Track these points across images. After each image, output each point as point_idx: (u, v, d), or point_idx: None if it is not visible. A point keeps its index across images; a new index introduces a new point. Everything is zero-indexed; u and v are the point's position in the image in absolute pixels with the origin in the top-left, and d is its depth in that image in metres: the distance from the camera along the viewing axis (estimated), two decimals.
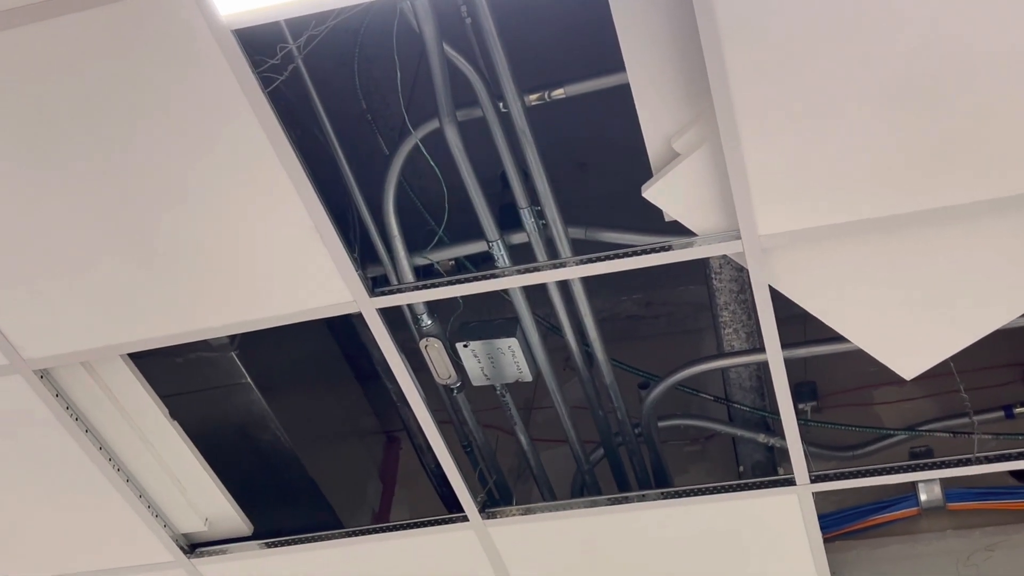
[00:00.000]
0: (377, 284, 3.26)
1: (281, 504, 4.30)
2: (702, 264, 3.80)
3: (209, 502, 3.89)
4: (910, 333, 3.16)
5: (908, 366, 3.25)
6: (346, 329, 4.56)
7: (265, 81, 2.71)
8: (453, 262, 3.60)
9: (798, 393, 4.66)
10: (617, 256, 3.08)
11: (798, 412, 4.58)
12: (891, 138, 2.65)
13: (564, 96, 3.24)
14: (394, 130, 3.71)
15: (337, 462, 4.63)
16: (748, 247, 2.92)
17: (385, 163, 3.39)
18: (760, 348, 3.80)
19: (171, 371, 3.92)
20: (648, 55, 2.69)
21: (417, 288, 3.18)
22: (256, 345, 3.97)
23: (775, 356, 3.21)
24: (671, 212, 2.97)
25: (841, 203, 2.80)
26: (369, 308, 3.17)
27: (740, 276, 4.17)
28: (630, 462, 4.12)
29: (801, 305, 3.12)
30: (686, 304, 5.01)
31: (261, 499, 4.18)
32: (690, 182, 2.87)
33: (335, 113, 3.22)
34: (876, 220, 2.82)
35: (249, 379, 4.00)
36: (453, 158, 3.22)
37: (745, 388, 4.37)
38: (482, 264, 3.66)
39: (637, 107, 2.81)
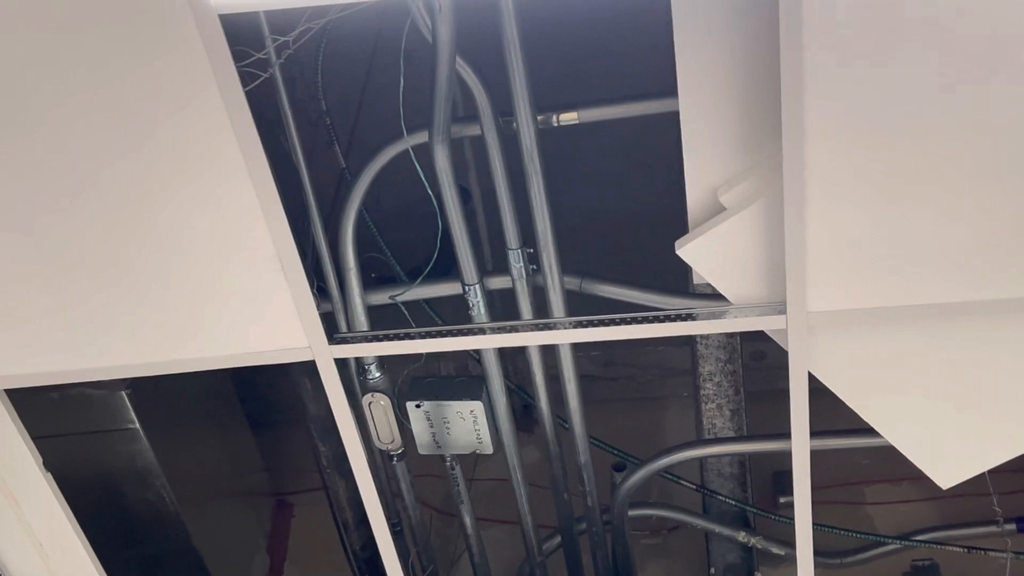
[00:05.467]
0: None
1: None
2: None
3: (76, 573, 3.76)
4: (955, 438, 3.25)
5: (946, 474, 3.34)
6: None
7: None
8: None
9: (779, 485, 4.76)
10: (626, 322, 3.09)
11: (779, 506, 4.70)
12: (980, 216, 2.73)
13: (577, 122, 3.26)
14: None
15: (223, 529, 4.54)
16: (792, 324, 2.97)
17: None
18: (768, 435, 3.89)
19: (43, 409, 3.78)
20: (708, 90, 2.73)
21: (388, 339, 3.15)
22: (150, 384, 3.86)
23: (801, 450, 3.26)
24: (706, 274, 3.01)
25: (908, 283, 2.87)
26: (326, 357, 3.12)
27: (730, 343, 4.24)
28: (593, 555, 4.13)
29: (838, 394, 3.19)
30: (652, 367, 5.07)
31: (133, 570, 4.07)
32: (735, 243, 2.92)
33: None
34: (945, 306, 2.90)
35: (138, 424, 3.89)
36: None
37: (724, 475, 4.44)
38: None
39: (684, 149, 2.84)
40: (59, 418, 3.85)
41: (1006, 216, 2.74)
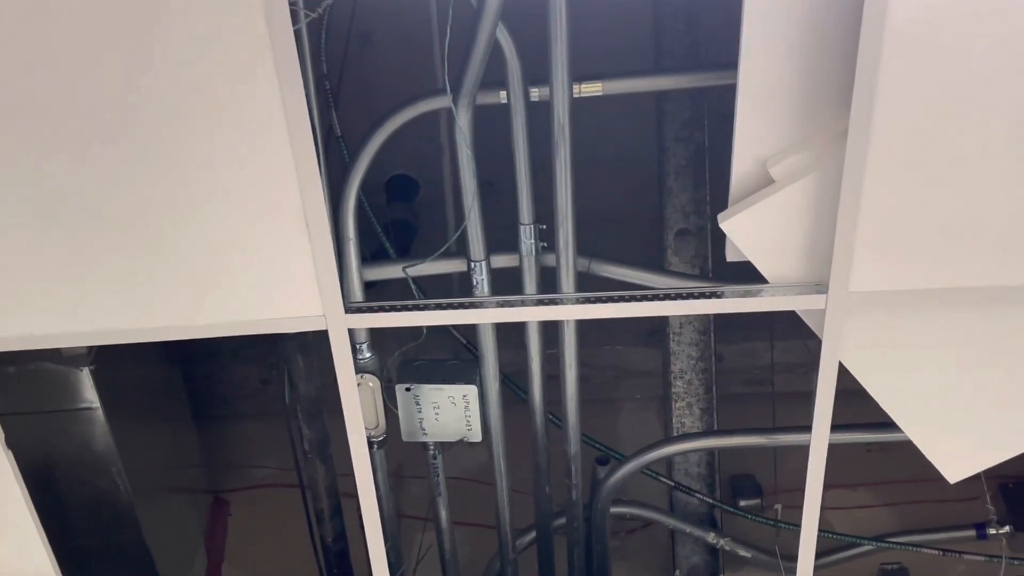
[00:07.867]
0: None
1: (100, 571, 3.94)
2: (647, 320, 3.79)
3: (26, 562, 3.51)
4: (970, 431, 3.21)
5: (955, 468, 3.30)
6: (184, 350, 4.32)
7: None
8: None
9: (738, 488, 4.70)
10: (659, 298, 2.98)
11: (742, 509, 4.64)
12: None
13: (600, 93, 3.15)
14: None
15: (169, 524, 4.29)
16: (832, 305, 2.89)
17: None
18: (760, 429, 3.82)
19: None
20: (772, 56, 2.64)
21: (407, 309, 2.99)
22: (115, 361, 3.63)
23: (819, 446, 3.18)
24: (745, 250, 2.91)
25: (952, 265, 2.82)
26: (340, 327, 2.95)
27: (703, 340, 4.18)
28: (570, 551, 4.01)
29: (860, 381, 3.12)
30: (608, 368, 4.97)
31: (81, 563, 3.82)
32: (781, 218, 2.83)
33: None
34: (987, 289, 2.86)
35: (99, 404, 3.64)
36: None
37: (692, 475, 4.37)
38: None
39: (737, 116, 2.74)
40: (13, 393, 3.58)
41: None
